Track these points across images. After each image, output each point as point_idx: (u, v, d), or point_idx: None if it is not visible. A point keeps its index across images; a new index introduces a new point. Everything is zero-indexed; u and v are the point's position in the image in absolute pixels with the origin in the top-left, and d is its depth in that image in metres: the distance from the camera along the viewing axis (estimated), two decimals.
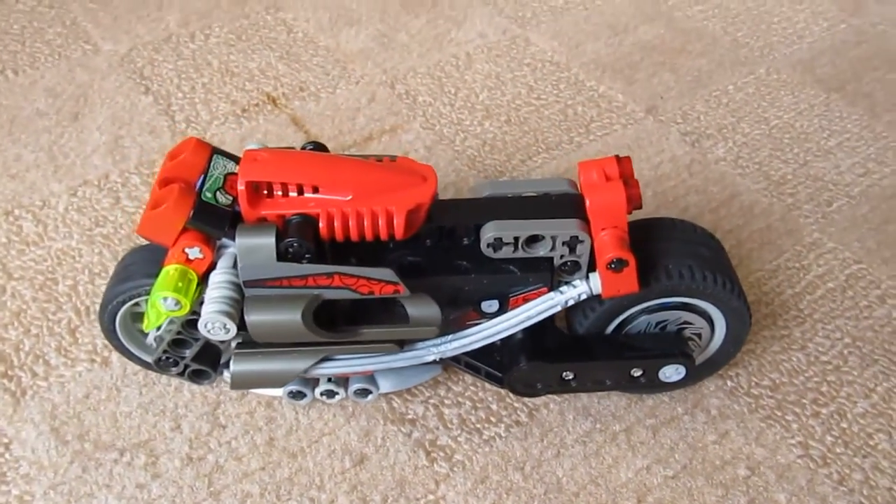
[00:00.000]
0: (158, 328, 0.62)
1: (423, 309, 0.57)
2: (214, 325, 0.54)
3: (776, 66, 1.03)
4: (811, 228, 0.83)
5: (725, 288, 0.60)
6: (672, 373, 0.63)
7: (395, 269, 0.55)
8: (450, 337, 0.60)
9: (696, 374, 0.66)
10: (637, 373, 0.63)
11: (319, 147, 0.62)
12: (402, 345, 0.59)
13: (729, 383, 0.70)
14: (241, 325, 0.56)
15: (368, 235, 0.56)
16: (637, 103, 0.97)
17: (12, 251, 0.77)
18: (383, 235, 0.56)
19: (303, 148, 0.62)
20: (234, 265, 0.56)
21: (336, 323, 0.57)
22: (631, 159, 0.58)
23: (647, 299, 0.61)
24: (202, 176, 0.57)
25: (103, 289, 0.74)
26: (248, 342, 0.59)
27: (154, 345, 0.66)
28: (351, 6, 1.10)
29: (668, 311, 0.63)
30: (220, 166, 0.58)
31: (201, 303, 0.57)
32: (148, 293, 0.61)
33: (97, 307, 0.73)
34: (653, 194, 0.85)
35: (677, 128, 0.94)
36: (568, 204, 0.59)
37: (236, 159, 0.59)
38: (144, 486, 0.62)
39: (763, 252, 0.80)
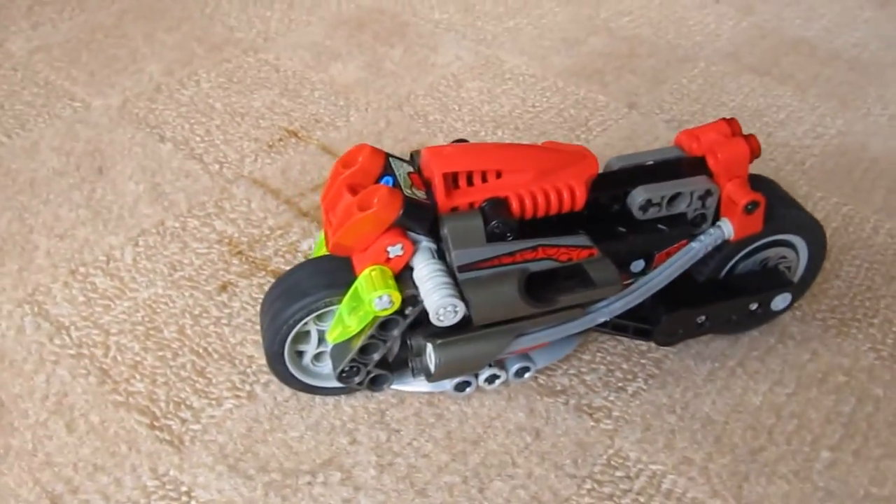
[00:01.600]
0: (334, 352, 0.63)
1: (604, 271, 0.62)
2: (446, 309, 0.56)
3: (710, 59, 1.19)
4: (800, 183, 0.97)
5: (810, 218, 0.71)
6: (780, 302, 0.73)
7: None
8: (613, 298, 0.66)
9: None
10: (754, 306, 0.72)
11: (462, 142, 0.66)
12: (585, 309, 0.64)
13: (798, 313, 0.81)
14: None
15: (553, 210, 0.61)
16: (618, 101, 1.08)
17: (97, 308, 0.73)
18: (566, 208, 0.61)
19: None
20: (432, 257, 0.59)
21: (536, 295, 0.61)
22: (737, 120, 0.68)
23: (757, 241, 0.70)
24: (386, 178, 0.59)
25: (212, 329, 0.72)
26: (441, 333, 0.61)
27: (312, 366, 0.66)
28: (326, 43, 1.13)
29: (766, 251, 0.72)
30: (400, 167, 0.60)
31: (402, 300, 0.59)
32: (328, 305, 0.62)
33: (216, 346, 0.71)
34: None
35: (659, 117, 1.06)
36: (693, 164, 0.67)
37: (406, 161, 0.62)
38: (350, 499, 0.62)
39: None
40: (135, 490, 0.60)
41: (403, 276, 0.59)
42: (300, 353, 0.66)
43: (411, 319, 0.60)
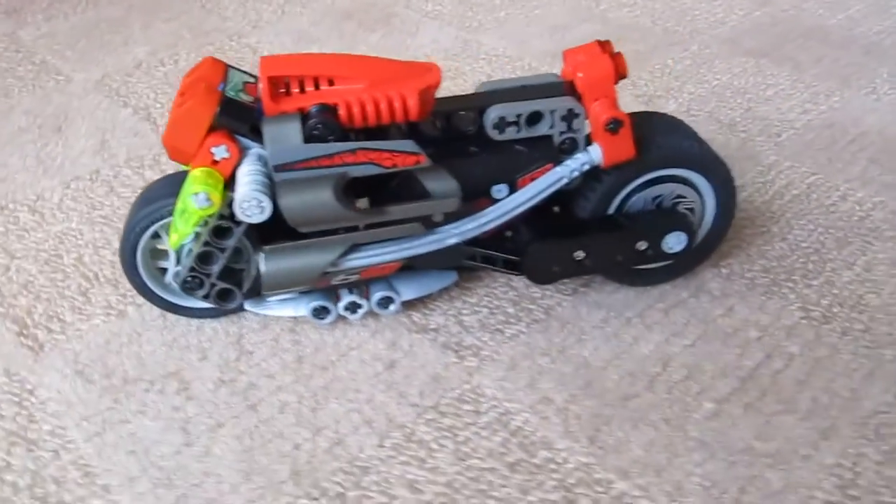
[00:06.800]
0: (179, 259, 0.63)
1: (441, 182, 0.60)
2: (250, 203, 0.56)
3: (706, 43, 1.14)
4: (768, 153, 0.90)
5: (709, 153, 0.66)
6: (675, 242, 0.67)
7: None
8: (467, 219, 0.63)
9: (698, 252, 0.70)
10: (643, 246, 0.66)
11: None
12: (427, 226, 0.62)
13: (724, 271, 0.74)
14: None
15: (385, 119, 0.59)
16: None
17: (11, 237, 0.78)
18: (399, 118, 0.59)
19: None
20: (260, 162, 0.59)
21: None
22: (611, 42, 0.65)
23: (643, 172, 0.66)
24: (221, 84, 0.60)
25: (109, 258, 0.75)
26: (271, 241, 0.60)
27: (174, 282, 0.67)
28: (309, 30, 1.17)
29: (662, 185, 0.67)
30: (238, 76, 0.61)
31: (230, 206, 0.59)
32: (171, 213, 0.63)
33: (106, 273, 0.73)
34: None
35: (630, 92, 1.02)
36: (559, 86, 0.64)
37: (251, 74, 0.63)
38: (180, 407, 0.61)
39: None
40: None
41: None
42: (163, 271, 0.67)
43: (244, 228, 0.60)
